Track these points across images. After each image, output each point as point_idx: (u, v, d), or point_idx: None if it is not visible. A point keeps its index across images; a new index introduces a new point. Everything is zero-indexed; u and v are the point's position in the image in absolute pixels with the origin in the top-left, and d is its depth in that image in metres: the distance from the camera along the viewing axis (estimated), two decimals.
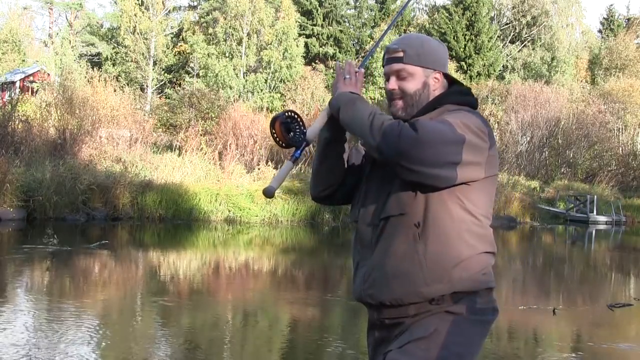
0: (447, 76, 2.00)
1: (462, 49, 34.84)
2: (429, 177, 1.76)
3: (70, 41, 36.16)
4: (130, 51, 32.51)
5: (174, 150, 20.49)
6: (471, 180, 1.82)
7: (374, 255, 1.90)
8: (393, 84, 1.97)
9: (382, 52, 2.05)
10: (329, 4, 35.77)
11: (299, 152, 1.93)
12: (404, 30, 37.89)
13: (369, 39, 36.21)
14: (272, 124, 1.93)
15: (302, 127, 1.95)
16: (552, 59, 38.50)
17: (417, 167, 1.74)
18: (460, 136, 1.77)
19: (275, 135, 1.94)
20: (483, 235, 1.87)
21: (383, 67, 2.03)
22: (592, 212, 23.52)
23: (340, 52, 35.57)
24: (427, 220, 1.82)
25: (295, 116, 1.96)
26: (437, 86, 1.98)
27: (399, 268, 1.83)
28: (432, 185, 1.79)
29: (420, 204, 1.82)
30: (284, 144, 1.94)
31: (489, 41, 35.65)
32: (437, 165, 1.74)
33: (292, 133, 1.94)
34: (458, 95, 1.96)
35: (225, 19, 30.62)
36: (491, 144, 1.85)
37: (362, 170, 2.06)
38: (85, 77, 24.06)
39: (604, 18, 46.96)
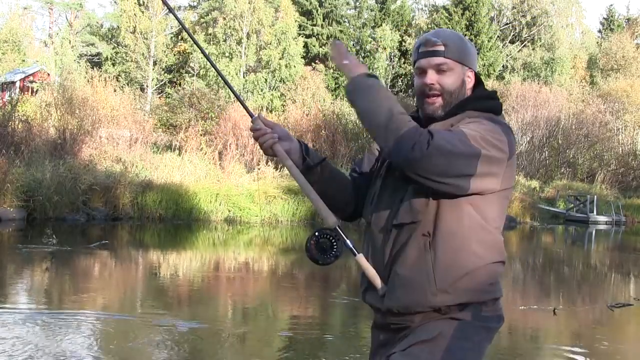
0: (476, 76, 1.94)
1: None
2: (439, 186, 1.72)
3: (70, 41, 36.16)
4: (130, 51, 32.51)
5: (174, 150, 20.49)
6: (486, 191, 1.78)
7: (384, 261, 1.86)
8: (432, 77, 1.87)
9: (416, 44, 1.94)
10: (329, 4, 35.77)
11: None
12: (405, 30, 37.83)
13: (369, 39, 36.19)
14: (309, 239, 1.94)
15: (336, 250, 1.90)
16: (552, 59, 38.52)
17: (423, 178, 1.70)
18: (474, 149, 1.71)
19: (309, 248, 1.94)
20: (493, 245, 1.82)
21: (415, 61, 1.92)
22: (592, 212, 23.53)
23: None
24: (437, 230, 1.78)
25: (334, 237, 1.90)
26: (470, 85, 1.92)
27: (408, 277, 1.80)
28: (444, 193, 1.75)
29: (431, 212, 1.79)
30: (313, 259, 1.94)
31: (488, 41, 35.65)
32: (446, 176, 1.70)
33: (326, 255, 1.92)
34: (481, 101, 1.89)
35: (224, 19, 30.63)
36: (510, 154, 1.80)
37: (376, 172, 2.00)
38: (85, 77, 24.06)
39: (604, 18, 47.02)
